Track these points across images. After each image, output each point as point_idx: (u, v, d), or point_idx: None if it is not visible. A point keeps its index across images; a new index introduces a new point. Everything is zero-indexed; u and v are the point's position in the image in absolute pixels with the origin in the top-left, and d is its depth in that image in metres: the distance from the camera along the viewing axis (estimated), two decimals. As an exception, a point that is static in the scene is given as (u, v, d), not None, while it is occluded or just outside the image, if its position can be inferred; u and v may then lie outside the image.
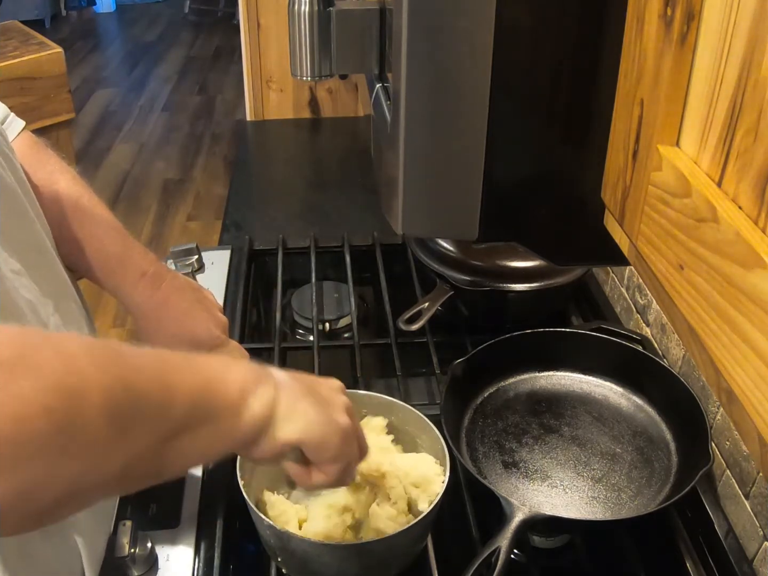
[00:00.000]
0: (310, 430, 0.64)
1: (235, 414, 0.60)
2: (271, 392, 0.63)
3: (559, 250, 0.66)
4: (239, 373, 0.62)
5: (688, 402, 0.96)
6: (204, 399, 0.57)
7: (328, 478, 0.68)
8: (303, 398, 0.65)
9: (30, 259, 0.75)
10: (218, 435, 0.59)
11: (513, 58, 0.55)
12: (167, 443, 0.54)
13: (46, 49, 2.76)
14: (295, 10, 0.65)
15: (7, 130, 0.87)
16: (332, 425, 0.66)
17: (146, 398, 0.52)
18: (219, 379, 0.60)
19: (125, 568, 0.83)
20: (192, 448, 0.57)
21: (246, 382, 0.61)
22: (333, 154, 2.02)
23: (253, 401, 0.61)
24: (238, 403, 0.60)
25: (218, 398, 0.59)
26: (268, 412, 0.62)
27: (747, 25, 0.37)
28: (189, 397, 0.56)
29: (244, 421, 0.60)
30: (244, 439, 0.61)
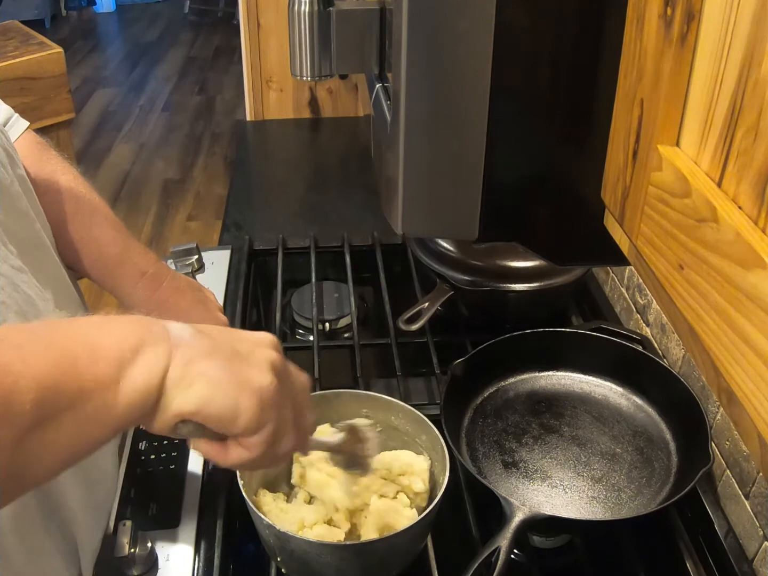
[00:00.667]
0: (211, 397, 0.53)
1: (107, 390, 0.49)
2: (161, 355, 0.52)
3: (559, 250, 0.66)
4: (115, 336, 0.51)
5: (688, 402, 0.96)
6: (60, 384, 0.47)
7: (251, 454, 0.57)
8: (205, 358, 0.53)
9: (30, 257, 0.75)
10: (89, 419, 0.49)
11: (513, 58, 0.55)
12: (20, 443, 0.45)
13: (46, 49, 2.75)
14: (295, 10, 0.65)
15: (11, 130, 0.88)
16: (244, 387, 0.54)
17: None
18: (86, 348, 0.49)
19: (125, 568, 0.83)
20: (59, 439, 0.48)
21: (124, 347, 0.50)
22: (333, 154, 2.02)
23: (135, 370, 0.50)
24: (112, 376, 0.49)
25: (81, 375, 0.48)
26: (157, 380, 0.51)
27: (747, 25, 0.37)
28: (36, 382, 0.46)
29: (123, 397, 0.50)
30: (128, 417, 0.51)
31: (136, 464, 0.97)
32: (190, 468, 0.97)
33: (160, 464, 0.97)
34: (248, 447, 0.57)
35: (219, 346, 0.55)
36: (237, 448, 0.57)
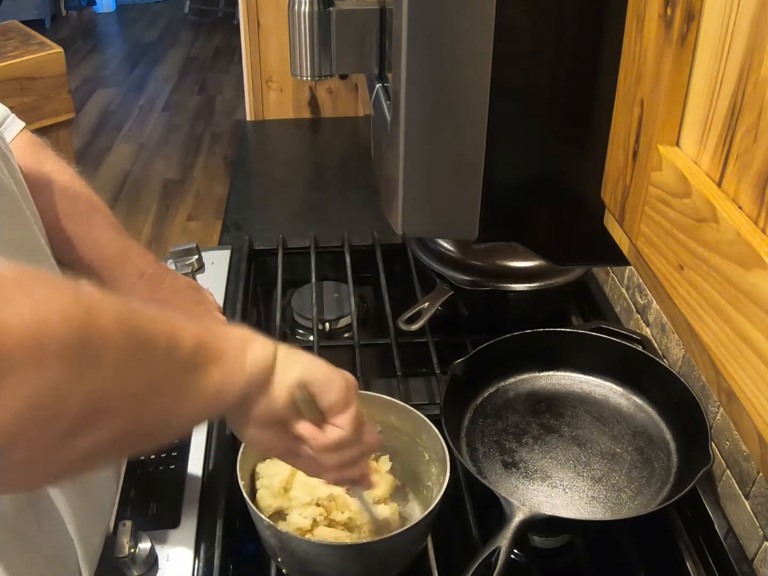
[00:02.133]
0: (313, 369, 0.66)
1: (240, 354, 0.61)
2: (269, 343, 0.64)
3: (559, 250, 0.66)
4: (235, 327, 0.65)
5: (688, 402, 0.96)
6: (208, 340, 0.58)
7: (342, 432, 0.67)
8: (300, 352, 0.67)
9: (25, 259, 0.74)
10: (227, 374, 0.59)
11: (513, 59, 0.55)
12: (179, 381, 0.55)
13: (46, 49, 2.75)
14: (295, 10, 0.65)
15: (7, 130, 0.87)
16: (334, 370, 0.68)
17: (155, 333, 0.52)
18: (217, 329, 0.63)
19: (125, 568, 0.83)
20: (202, 389, 0.57)
21: (244, 333, 0.63)
22: (333, 154, 2.02)
23: (253, 346, 0.62)
24: (241, 345, 0.61)
25: (221, 340, 0.59)
26: (270, 358, 0.63)
27: (747, 25, 0.37)
28: (194, 337, 0.56)
29: (249, 361, 0.61)
30: (249, 383, 0.62)
31: (136, 464, 0.97)
32: (190, 468, 0.97)
33: (160, 464, 0.97)
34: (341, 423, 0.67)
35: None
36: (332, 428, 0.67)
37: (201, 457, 0.99)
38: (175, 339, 0.54)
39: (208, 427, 1.04)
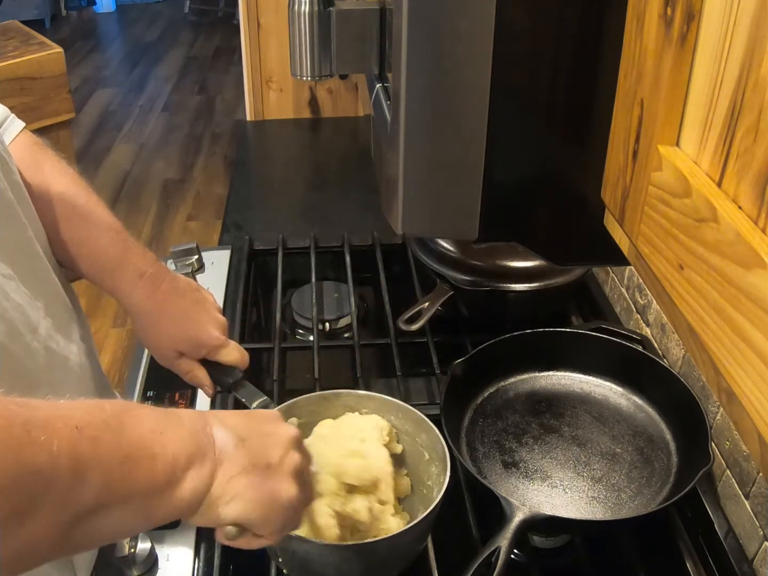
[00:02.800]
0: (249, 511, 0.61)
1: (158, 496, 0.55)
2: (206, 473, 0.58)
3: (559, 250, 0.66)
4: (171, 446, 0.56)
5: (688, 402, 0.96)
6: (121, 479, 0.52)
7: (271, 542, 0.66)
8: (242, 475, 0.60)
9: (21, 264, 0.74)
10: (135, 516, 0.54)
11: (513, 59, 0.55)
12: (75, 525, 0.49)
13: (46, 49, 2.75)
14: (295, 10, 0.65)
15: (7, 130, 0.87)
16: (275, 502, 0.62)
17: (48, 479, 0.47)
18: (144, 454, 0.54)
19: (125, 568, 0.83)
20: (103, 528, 0.52)
21: (178, 459, 0.56)
22: (333, 154, 2.02)
23: (183, 485, 0.56)
24: (165, 486, 0.55)
25: (139, 479, 0.53)
26: (200, 496, 0.58)
27: (747, 25, 0.37)
28: (102, 476, 0.50)
29: (170, 503, 0.56)
30: (170, 517, 0.57)
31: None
32: (190, 468, 0.97)
33: (160, 464, 0.97)
34: (270, 539, 0.65)
35: (255, 461, 0.62)
36: (260, 539, 0.65)
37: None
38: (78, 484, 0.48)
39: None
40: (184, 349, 0.91)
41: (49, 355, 0.75)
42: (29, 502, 0.46)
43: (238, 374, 0.92)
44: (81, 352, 0.83)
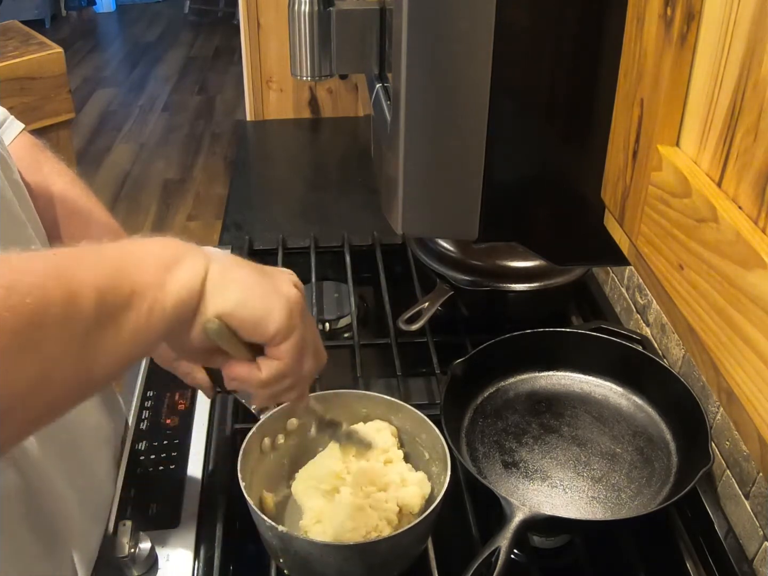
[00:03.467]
0: (246, 299, 0.58)
1: (157, 290, 0.53)
2: (199, 263, 0.56)
3: (559, 250, 0.66)
4: (157, 249, 0.56)
5: (688, 402, 0.96)
6: (115, 286, 0.51)
7: (281, 364, 0.60)
8: (238, 268, 0.59)
9: None
10: (143, 319, 0.53)
11: (513, 58, 0.55)
12: (86, 341, 0.49)
13: (46, 49, 2.75)
14: (295, 10, 0.65)
15: (6, 132, 0.87)
16: (274, 293, 0.59)
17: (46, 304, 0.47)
18: (133, 260, 0.54)
19: (125, 568, 0.83)
20: (117, 340, 0.51)
21: (166, 256, 0.55)
22: (333, 154, 2.02)
23: (177, 273, 0.55)
24: (159, 279, 0.54)
25: (133, 280, 0.53)
26: (198, 283, 0.56)
27: (747, 25, 0.37)
28: (95, 289, 0.50)
29: (170, 296, 0.54)
30: (174, 316, 0.55)
31: (136, 464, 0.97)
32: (190, 468, 0.97)
33: (160, 464, 0.97)
34: (279, 355, 0.60)
35: (247, 264, 0.60)
36: (268, 361, 0.60)
37: (201, 457, 0.99)
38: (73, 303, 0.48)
39: (208, 427, 1.04)
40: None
41: None
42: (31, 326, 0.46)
43: (238, 374, 0.92)
44: None
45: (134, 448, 0.99)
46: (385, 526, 0.84)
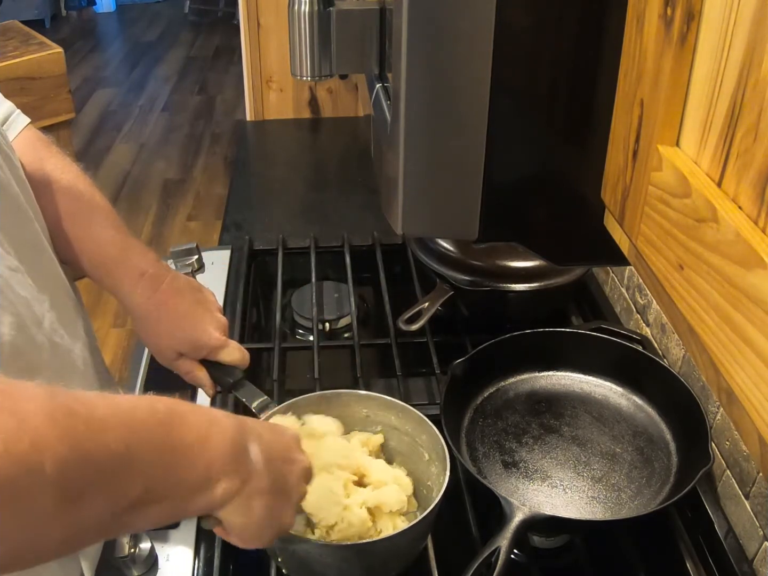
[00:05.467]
0: (248, 529, 0.65)
1: (187, 501, 0.58)
2: (236, 483, 0.61)
3: (559, 250, 0.66)
4: (213, 454, 0.60)
5: (688, 402, 0.96)
6: (165, 480, 0.55)
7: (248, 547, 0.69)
8: (263, 496, 0.64)
9: (27, 257, 0.74)
10: (171, 511, 0.58)
11: (513, 58, 0.55)
12: (119, 514, 0.52)
13: (46, 49, 2.75)
14: (295, 10, 0.65)
15: (11, 126, 0.87)
16: (273, 525, 0.67)
17: (104, 472, 0.49)
18: (189, 457, 0.58)
19: (125, 568, 0.83)
20: (142, 520, 0.55)
21: (216, 467, 0.59)
22: (333, 154, 2.02)
23: (215, 490, 0.59)
24: (199, 489, 0.59)
25: (181, 481, 0.57)
26: (226, 502, 0.61)
27: (747, 25, 0.37)
28: (149, 475, 0.54)
29: (200, 503, 0.60)
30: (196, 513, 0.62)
31: (136, 464, 0.96)
32: (190, 468, 0.97)
33: (160, 464, 0.97)
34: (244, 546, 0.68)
35: (276, 486, 0.66)
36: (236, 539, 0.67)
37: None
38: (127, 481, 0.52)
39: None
40: (185, 350, 0.91)
41: (53, 348, 0.75)
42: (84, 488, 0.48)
43: (238, 374, 0.92)
44: (85, 347, 0.83)
45: (134, 448, 0.98)
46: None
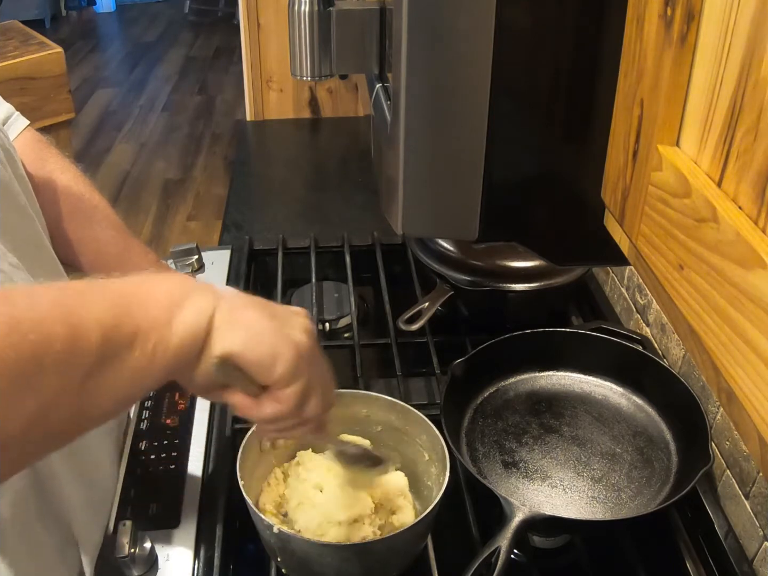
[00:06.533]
0: (255, 341, 0.56)
1: (162, 329, 0.52)
2: (208, 300, 0.55)
3: (559, 250, 0.66)
4: (165, 285, 0.55)
5: (688, 402, 0.96)
6: (119, 324, 0.50)
7: (282, 407, 0.59)
8: (249, 308, 0.58)
9: (28, 254, 0.75)
10: (146, 358, 0.52)
11: (513, 58, 0.55)
12: (87, 379, 0.49)
13: (46, 49, 2.75)
14: (295, 10, 0.65)
15: (11, 127, 0.88)
16: (284, 338, 0.58)
17: (43, 338, 0.46)
18: (139, 298, 0.53)
19: (125, 568, 0.83)
20: (117, 381, 0.51)
21: (174, 293, 0.54)
22: (333, 154, 2.02)
23: (184, 312, 0.53)
24: (165, 318, 0.53)
25: (137, 318, 0.51)
26: (204, 322, 0.54)
27: (747, 25, 0.37)
28: (100, 327, 0.49)
29: (175, 336, 0.53)
30: (179, 356, 0.54)
31: (136, 464, 0.97)
32: (190, 468, 0.97)
33: (160, 464, 0.97)
34: (281, 399, 0.59)
35: (258, 305, 0.59)
36: (270, 401, 0.59)
37: (201, 457, 0.99)
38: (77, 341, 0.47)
39: (208, 427, 1.04)
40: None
41: None
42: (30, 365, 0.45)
43: (238, 374, 0.92)
44: None
45: (134, 448, 0.99)
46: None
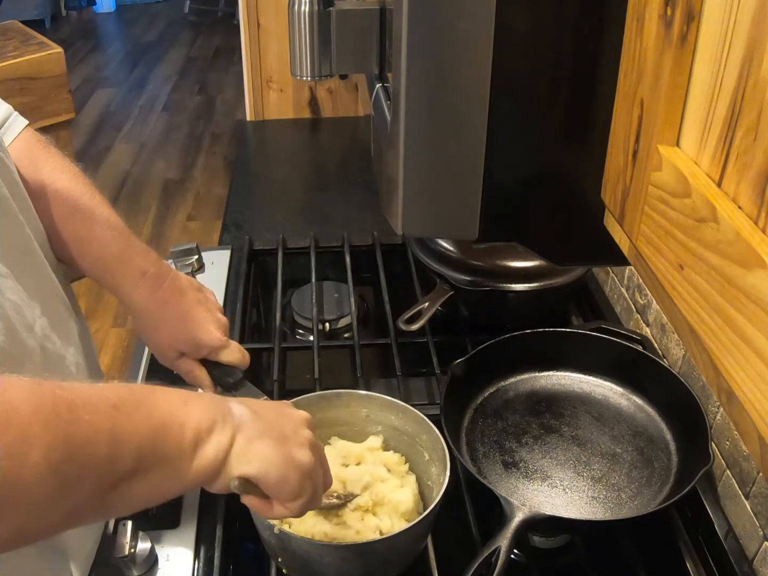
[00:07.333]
0: (267, 470, 0.66)
1: (185, 460, 0.60)
2: (227, 435, 0.64)
3: (559, 250, 0.66)
4: (196, 414, 0.62)
5: (688, 402, 0.96)
6: (154, 447, 0.58)
7: (290, 513, 0.69)
8: (261, 438, 0.66)
9: (17, 262, 0.74)
10: (167, 479, 0.60)
11: (513, 59, 0.55)
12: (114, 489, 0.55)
13: (46, 49, 2.75)
14: (295, 10, 0.65)
15: (10, 128, 0.87)
16: (291, 464, 0.67)
17: (92, 452, 0.52)
18: (173, 423, 0.60)
19: (125, 568, 0.83)
20: (139, 492, 0.58)
21: (201, 425, 0.62)
22: (333, 154, 2.02)
23: (207, 446, 0.62)
24: (191, 448, 0.61)
25: (169, 445, 0.59)
26: (222, 455, 0.63)
27: (747, 25, 0.37)
28: (137, 446, 0.56)
29: (196, 466, 0.61)
30: (195, 481, 0.63)
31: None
32: (190, 468, 0.97)
33: (160, 464, 0.97)
34: (289, 507, 0.69)
35: (270, 429, 0.68)
36: (279, 507, 0.69)
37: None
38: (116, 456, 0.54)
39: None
40: (185, 349, 0.91)
41: (44, 354, 0.75)
42: (76, 475, 0.51)
43: (238, 374, 0.92)
44: (78, 352, 0.83)
45: (134, 448, 0.98)
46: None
